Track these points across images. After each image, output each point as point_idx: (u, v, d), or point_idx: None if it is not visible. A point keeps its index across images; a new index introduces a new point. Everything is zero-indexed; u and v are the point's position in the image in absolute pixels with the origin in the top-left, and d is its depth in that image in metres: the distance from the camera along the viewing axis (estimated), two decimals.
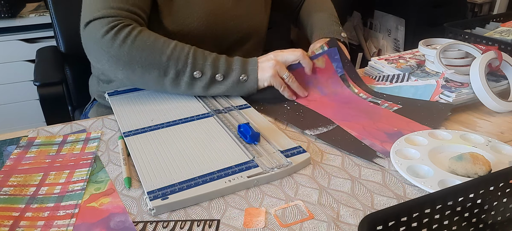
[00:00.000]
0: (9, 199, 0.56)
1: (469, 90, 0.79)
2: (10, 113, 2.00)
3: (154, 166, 0.61)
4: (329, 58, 0.88)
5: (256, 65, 0.81)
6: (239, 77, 0.80)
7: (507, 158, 0.61)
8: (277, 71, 0.81)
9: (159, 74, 0.77)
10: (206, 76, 0.78)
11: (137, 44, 0.76)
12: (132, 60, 0.76)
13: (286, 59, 0.83)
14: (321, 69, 0.87)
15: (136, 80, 0.79)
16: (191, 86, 0.79)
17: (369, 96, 0.84)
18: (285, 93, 0.82)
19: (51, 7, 1.18)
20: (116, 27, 0.76)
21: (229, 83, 0.80)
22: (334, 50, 0.88)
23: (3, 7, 1.79)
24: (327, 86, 0.86)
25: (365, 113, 0.77)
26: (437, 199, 0.41)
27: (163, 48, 0.77)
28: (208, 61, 0.78)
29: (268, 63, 0.81)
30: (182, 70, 0.77)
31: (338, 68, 0.87)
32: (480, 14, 2.17)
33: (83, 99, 1.17)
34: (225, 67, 0.79)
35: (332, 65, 0.87)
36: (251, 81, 0.80)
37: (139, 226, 0.51)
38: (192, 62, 0.77)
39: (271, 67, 0.81)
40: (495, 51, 0.81)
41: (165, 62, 0.77)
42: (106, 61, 0.77)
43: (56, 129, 0.75)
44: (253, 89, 0.81)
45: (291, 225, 0.51)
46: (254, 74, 0.80)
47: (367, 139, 0.68)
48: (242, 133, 0.67)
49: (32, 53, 1.53)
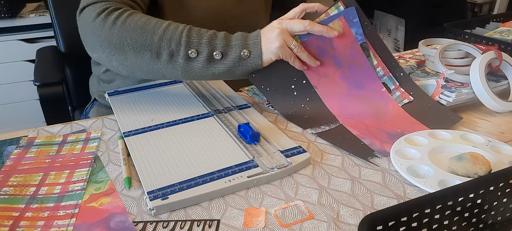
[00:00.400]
0: (9, 199, 0.56)
1: (469, 90, 0.79)
2: (10, 113, 2.00)
3: (154, 166, 0.61)
4: (347, 22, 0.76)
5: (259, 37, 0.73)
6: (240, 53, 0.72)
7: (507, 158, 0.61)
8: (284, 41, 0.73)
9: (151, 57, 0.72)
10: (202, 55, 0.72)
11: (128, 25, 0.72)
12: (122, 42, 0.72)
13: (292, 27, 0.74)
14: (338, 36, 0.76)
15: (131, 67, 0.74)
16: (187, 67, 0.73)
17: (386, 73, 0.77)
18: (295, 65, 0.75)
19: (51, 7, 1.18)
20: (107, 10, 0.74)
21: (229, 61, 0.72)
22: (352, 11, 0.76)
23: (3, 7, 1.79)
24: (344, 56, 0.77)
25: (372, 109, 0.75)
26: (437, 199, 0.41)
27: (155, 28, 0.72)
28: (204, 38, 0.72)
29: (273, 33, 0.73)
30: (176, 50, 0.71)
31: (357, 35, 0.77)
32: (480, 14, 2.16)
33: (83, 99, 1.18)
34: (223, 44, 0.72)
35: (351, 31, 0.76)
36: (254, 57, 0.73)
37: (139, 226, 0.51)
38: (186, 40, 0.71)
39: (277, 38, 0.72)
40: (495, 51, 0.81)
41: (157, 42, 0.71)
42: (99, 46, 0.74)
43: (56, 129, 0.75)
44: (258, 65, 0.74)
45: (291, 225, 0.51)
46: (257, 48, 0.73)
47: (367, 138, 0.68)
48: (242, 133, 0.67)
49: (32, 53, 1.53)
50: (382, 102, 0.76)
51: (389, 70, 0.79)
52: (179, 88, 0.86)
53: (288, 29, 0.74)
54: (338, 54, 0.77)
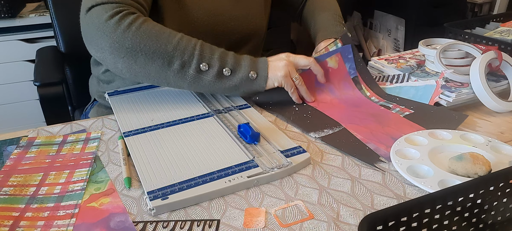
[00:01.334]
0: (9, 199, 0.56)
1: (469, 90, 0.79)
2: (10, 113, 2.00)
3: (154, 166, 0.61)
4: (342, 58, 0.85)
5: (267, 64, 0.79)
6: (249, 74, 0.77)
7: (507, 158, 0.61)
8: (289, 72, 0.79)
9: (163, 64, 0.74)
10: (213, 69, 0.76)
11: (142, 31, 0.74)
12: (135, 47, 0.73)
13: (297, 62, 0.81)
14: (333, 70, 0.85)
15: (138, 71, 0.75)
16: (196, 78, 0.76)
17: (381, 100, 0.82)
18: (293, 97, 0.81)
19: (51, 7, 1.18)
20: (121, 13, 0.74)
21: (237, 79, 0.77)
22: (348, 48, 0.85)
23: (3, 7, 1.79)
24: (338, 88, 0.85)
25: (374, 117, 0.76)
26: (437, 199, 0.41)
27: (170, 38, 0.75)
28: (216, 54, 0.76)
29: (280, 62, 0.79)
30: (188, 62, 0.75)
31: (351, 70, 0.85)
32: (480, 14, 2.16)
33: (83, 99, 1.18)
34: (233, 62, 0.77)
35: (345, 66, 0.85)
36: (261, 80, 0.78)
37: (139, 226, 0.51)
38: (199, 53, 0.75)
39: (283, 67, 0.79)
40: (495, 51, 0.81)
41: (171, 51, 0.74)
42: (108, 47, 0.74)
43: (56, 129, 0.75)
44: (262, 88, 0.79)
45: (291, 225, 0.51)
46: (264, 73, 0.78)
47: (372, 143, 0.67)
48: (242, 133, 0.67)
49: (32, 53, 1.53)
50: (382, 114, 0.77)
51: (383, 98, 0.83)
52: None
53: (294, 63, 0.81)
54: (333, 85, 0.85)
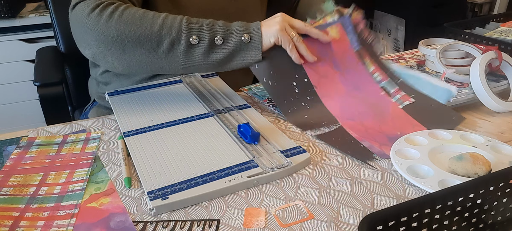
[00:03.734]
0: (9, 199, 0.56)
1: (469, 90, 0.79)
2: (10, 113, 2.00)
3: (154, 166, 0.61)
4: (344, 29, 0.81)
5: (259, 24, 0.76)
6: (241, 38, 0.74)
7: (507, 158, 0.61)
8: (284, 27, 0.75)
9: (151, 47, 0.72)
10: (204, 41, 0.73)
11: (125, 18, 0.72)
12: (120, 35, 0.71)
13: (293, 22, 0.77)
14: (336, 40, 0.80)
15: (129, 60, 0.74)
16: (189, 55, 0.73)
17: (385, 77, 0.79)
18: (292, 55, 0.76)
19: (51, 7, 1.18)
20: (102, 5, 0.73)
21: (230, 46, 0.74)
22: (347, 20, 0.81)
23: (3, 7, 1.79)
24: (342, 61, 0.80)
25: (372, 110, 0.75)
26: (437, 199, 0.41)
27: (154, 19, 0.72)
28: (204, 25, 0.73)
29: (275, 19, 0.76)
30: (177, 38, 0.72)
31: (353, 42, 0.80)
32: (480, 14, 2.16)
33: (83, 100, 1.18)
34: (224, 29, 0.74)
35: (347, 38, 0.80)
36: (255, 42, 0.74)
37: (139, 226, 0.51)
38: (187, 28, 0.72)
39: (278, 22, 0.75)
40: (495, 51, 0.81)
41: (157, 32, 0.71)
42: (94, 41, 0.72)
43: (56, 129, 0.75)
44: (258, 51, 0.74)
45: (291, 225, 0.51)
46: (258, 34, 0.74)
47: (366, 141, 0.68)
48: (242, 133, 0.67)
49: (32, 53, 1.53)
50: (381, 104, 0.76)
51: (387, 75, 0.80)
52: (179, 88, 0.86)
53: (289, 22, 0.77)
54: (336, 57, 0.80)
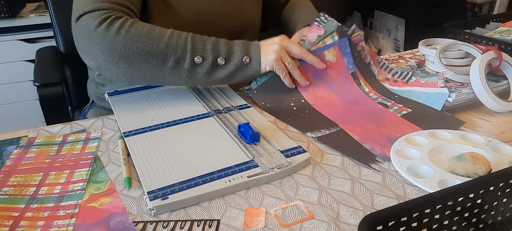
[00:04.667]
0: (9, 199, 0.56)
1: (469, 90, 0.79)
2: (10, 113, 2.00)
3: (154, 166, 0.61)
4: (340, 51, 0.84)
5: (259, 48, 0.79)
6: (242, 60, 0.77)
7: (507, 158, 0.61)
8: (280, 57, 0.79)
9: (157, 63, 0.75)
10: (207, 61, 0.76)
11: (132, 34, 0.74)
12: (128, 50, 0.73)
13: (290, 49, 0.81)
14: (331, 63, 0.84)
15: (134, 74, 0.76)
16: (192, 73, 0.76)
17: (380, 96, 0.81)
18: (285, 80, 0.81)
19: (51, 7, 1.18)
20: (109, 19, 0.74)
21: (232, 66, 0.77)
22: (344, 42, 0.84)
23: (3, 7, 1.79)
24: (337, 83, 0.83)
25: (370, 116, 0.75)
26: (437, 199, 0.41)
27: (160, 36, 0.75)
28: (208, 45, 0.76)
29: (273, 46, 0.79)
30: (182, 57, 0.75)
31: (349, 64, 0.84)
32: (480, 14, 2.16)
33: (82, 100, 1.18)
34: (226, 50, 0.77)
35: (343, 60, 0.84)
36: (254, 63, 0.78)
37: (139, 226, 0.51)
38: (192, 47, 0.75)
39: (275, 52, 0.78)
40: (495, 51, 0.81)
41: (163, 49, 0.74)
42: (100, 54, 0.74)
43: (56, 129, 0.75)
44: (257, 72, 0.79)
45: (291, 225, 0.51)
46: (257, 56, 0.78)
47: (368, 143, 0.67)
48: (242, 133, 0.67)
49: (32, 53, 1.53)
50: (380, 113, 0.77)
51: (381, 95, 0.82)
52: (179, 88, 0.86)
53: (286, 49, 0.80)
54: (332, 80, 0.84)
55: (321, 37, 0.86)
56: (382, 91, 0.83)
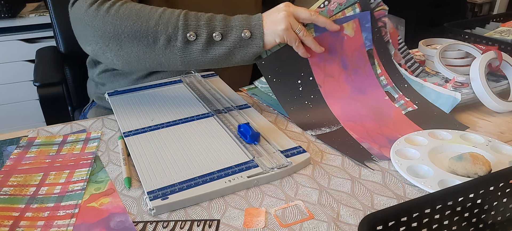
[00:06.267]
0: (9, 199, 0.56)
1: (469, 90, 0.79)
2: (10, 113, 2.00)
3: (154, 166, 0.61)
4: (360, 25, 0.77)
5: (261, 19, 0.71)
6: (241, 34, 0.70)
7: (507, 158, 0.61)
8: (290, 24, 0.71)
9: (148, 43, 0.70)
10: (201, 37, 0.70)
11: (122, 13, 0.71)
12: (117, 30, 0.70)
13: (298, 13, 0.73)
14: (349, 37, 0.77)
15: (127, 56, 0.72)
16: (186, 51, 0.71)
17: (390, 83, 0.78)
18: (299, 50, 0.74)
19: (51, 7, 1.18)
20: (99, 0, 0.72)
21: (230, 42, 0.71)
22: (366, 15, 0.77)
23: (3, 7, 1.79)
24: (351, 60, 0.78)
25: (374, 113, 0.74)
26: (437, 199, 0.41)
27: (151, 14, 0.71)
28: (202, 20, 0.71)
29: (279, 14, 0.71)
30: (173, 34, 0.70)
31: (366, 41, 0.78)
32: (480, 14, 2.17)
33: (82, 100, 1.18)
34: (223, 24, 0.71)
35: (362, 35, 0.78)
36: (256, 38, 0.71)
37: (139, 226, 0.51)
38: (184, 23, 0.70)
39: (283, 20, 0.70)
40: (495, 51, 0.81)
41: (153, 27, 0.70)
42: (92, 37, 0.72)
43: (56, 129, 0.75)
44: (259, 47, 0.71)
45: (291, 225, 0.51)
46: (259, 29, 0.71)
47: (366, 142, 0.67)
48: (242, 133, 0.67)
49: (32, 53, 1.53)
50: (384, 108, 0.76)
51: (392, 80, 0.80)
52: (179, 88, 0.86)
53: (294, 14, 0.73)
54: (346, 55, 0.78)
55: (341, 7, 0.78)
56: (394, 75, 0.79)
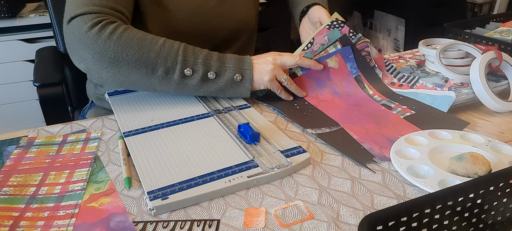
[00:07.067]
0: (9, 199, 0.56)
1: (469, 90, 0.79)
2: (10, 113, 2.00)
3: (154, 166, 0.61)
4: (343, 58, 0.84)
5: (251, 65, 0.78)
6: (233, 77, 0.77)
7: (507, 158, 0.61)
8: (275, 76, 0.79)
9: (146, 72, 0.74)
10: (197, 74, 0.75)
11: (124, 40, 0.73)
12: (118, 57, 0.73)
13: (284, 62, 0.81)
14: (334, 69, 0.85)
15: (122, 80, 0.75)
16: (182, 84, 0.76)
17: (384, 98, 0.81)
18: (281, 95, 0.82)
19: (51, 7, 1.18)
20: (101, 23, 0.73)
21: (222, 82, 0.77)
22: (348, 49, 0.85)
23: (3, 7, 1.79)
24: (340, 87, 0.84)
25: (373, 117, 0.75)
26: (437, 199, 0.41)
27: (152, 45, 0.74)
28: (200, 58, 0.76)
29: (267, 67, 0.79)
30: (172, 68, 0.74)
31: (352, 69, 0.84)
32: (480, 14, 2.17)
33: (82, 100, 1.17)
34: (218, 65, 0.76)
35: (346, 65, 0.85)
36: (246, 82, 0.78)
37: (139, 226, 0.51)
38: (183, 59, 0.74)
39: (269, 72, 0.79)
40: (495, 51, 0.81)
41: (153, 59, 0.73)
42: (90, 58, 0.73)
43: (56, 129, 0.75)
44: (247, 90, 0.79)
45: (291, 225, 0.51)
46: (249, 74, 0.78)
47: (367, 143, 0.67)
48: (242, 133, 0.67)
49: (32, 53, 1.53)
50: (382, 114, 0.76)
51: (386, 97, 0.82)
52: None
53: (281, 64, 0.81)
54: (335, 84, 0.84)
55: (324, 46, 0.88)
56: (387, 93, 0.83)
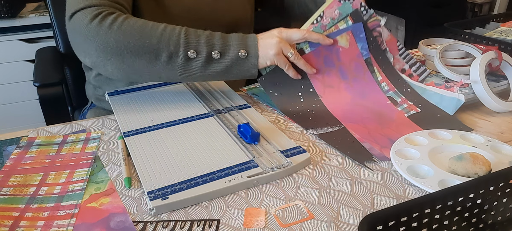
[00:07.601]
0: (9, 199, 0.56)
1: (469, 90, 0.79)
2: (10, 113, 2.00)
3: (154, 166, 0.61)
4: (354, 36, 0.79)
5: (256, 41, 0.76)
6: (238, 53, 0.74)
7: (507, 158, 0.61)
8: (281, 49, 0.76)
9: (150, 59, 0.73)
10: (201, 55, 0.74)
11: (125, 29, 0.73)
12: (120, 46, 0.72)
13: (291, 36, 0.78)
14: (344, 49, 0.79)
15: (128, 70, 0.75)
16: (186, 67, 0.74)
17: (392, 88, 0.78)
18: (289, 73, 0.78)
19: (51, 7, 1.18)
20: (101, 14, 0.73)
21: (227, 60, 0.75)
22: (359, 26, 0.79)
23: (3, 7, 1.79)
24: (349, 69, 0.79)
25: (377, 116, 0.74)
26: (437, 199, 0.41)
27: (153, 31, 0.73)
28: (202, 39, 0.74)
29: (272, 40, 0.76)
30: (175, 52, 0.73)
31: (363, 50, 0.79)
32: (480, 14, 2.16)
33: (82, 100, 1.17)
34: (221, 44, 0.75)
35: (357, 45, 0.79)
36: (252, 58, 0.75)
37: (139, 226, 0.51)
38: (185, 42, 0.73)
39: (275, 45, 0.75)
40: (495, 51, 0.81)
41: (155, 44, 0.73)
42: (94, 51, 0.73)
43: (56, 129, 0.75)
44: (254, 66, 0.76)
45: (291, 225, 0.51)
46: (255, 50, 0.75)
47: (367, 143, 0.67)
48: (242, 133, 0.67)
49: (32, 53, 1.53)
50: (387, 112, 0.75)
51: (394, 86, 0.79)
52: (179, 88, 0.86)
53: (287, 38, 0.78)
54: (344, 66, 0.80)
55: (334, 22, 0.81)
56: (396, 81, 0.80)
